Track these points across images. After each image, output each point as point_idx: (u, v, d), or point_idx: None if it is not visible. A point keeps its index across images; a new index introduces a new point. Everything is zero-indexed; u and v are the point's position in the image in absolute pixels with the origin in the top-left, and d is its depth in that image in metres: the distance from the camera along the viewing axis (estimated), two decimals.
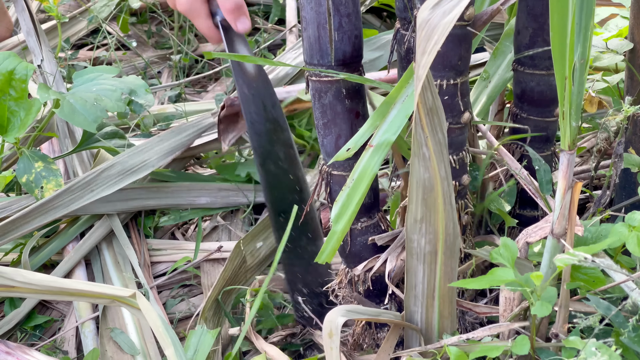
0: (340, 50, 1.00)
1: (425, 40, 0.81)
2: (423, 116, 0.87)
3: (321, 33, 0.99)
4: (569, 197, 0.89)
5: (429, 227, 0.95)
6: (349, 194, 0.97)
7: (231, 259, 1.30)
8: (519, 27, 1.12)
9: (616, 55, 1.25)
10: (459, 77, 1.00)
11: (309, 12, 0.98)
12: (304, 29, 1.00)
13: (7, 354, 1.14)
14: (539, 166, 1.01)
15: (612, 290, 1.01)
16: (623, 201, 1.18)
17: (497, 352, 0.94)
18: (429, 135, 0.88)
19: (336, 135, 1.04)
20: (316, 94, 1.02)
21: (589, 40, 0.79)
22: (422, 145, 0.89)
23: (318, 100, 1.03)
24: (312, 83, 1.02)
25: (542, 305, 0.90)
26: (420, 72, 0.81)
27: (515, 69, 1.15)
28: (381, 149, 0.97)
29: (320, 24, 0.99)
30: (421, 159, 0.90)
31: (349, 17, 0.99)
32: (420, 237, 0.96)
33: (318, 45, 1.00)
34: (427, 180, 0.92)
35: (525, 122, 1.16)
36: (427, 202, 0.93)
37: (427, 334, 1.04)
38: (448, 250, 0.98)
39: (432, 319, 1.03)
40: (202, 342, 1.16)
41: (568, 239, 0.91)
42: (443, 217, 0.94)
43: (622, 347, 0.92)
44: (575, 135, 0.85)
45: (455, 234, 0.97)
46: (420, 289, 1.01)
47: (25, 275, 1.10)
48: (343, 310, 1.02)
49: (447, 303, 1.02)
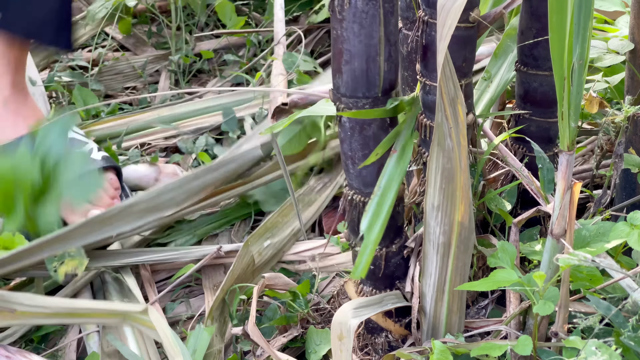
0: (387, 79, 0.96)
1: (441, 26, 0.82)
2: (447, 106, 0.87)
3: (370, 66, 0.94)
4: (569, 197, 0.89)
5: (445, 217, 0.94)
6: (378, 202, 0.97)
7: (239, 258, 1.30)
8: (523, 27, 1.12)
9: (617, 56, 1.25)
10: (463, 79, 1.01)
11: (357, 45, 0.93)
12: (346, 62, 0.94)
13: (7, 358, 1.15)
14: (542, 164, 1.01)
15: (613, 290, 1.01)
16: (623, 201, 1.18)
17: (499, 351, 0.94)
18: (453, 126, 0.88)
19: (378, 165, 1.00)
20: (356, 126, 0.98)
21: (587, 41, 0.79)
22: (447, 136, 0.89)
23: (359, 132, 0.98)
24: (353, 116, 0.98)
25: (545, 304, 0.90)
26: (440, 58, 0.83)
27: (518, 69, 1.15)
28: (405, 154, 0.99)
29: (370, 57, 0.93)
30: (444, 149, 0.89)
31: (395, 45, 0.96)
32: (436, 226, 0.95)
33: (365, 78, 0.94)
34: (448, 171, 0.91)
35: (528, 122, 1.16)
36: (446, 192, 0.93)
37: (434, 328, 1.03)
38: (462, 244, 0.97)
39: (441, 313, 1.02)
40: (199, 340, 1.16)
41: (567, 239, 0.92)
42: (460, 209, 0.93)
43: (623, 347, 0.92)
44: (574, 136, 0.86)
45: (471, 228, 0.96)
46: (432, 280, 1.00)
47: (33, 299, 1.08)
48: (351, 310, 1.01)
49: (456, 298, 1.01)
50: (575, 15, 0.78)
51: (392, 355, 1.03)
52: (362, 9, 0.91)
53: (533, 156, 1.16)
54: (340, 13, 0.92)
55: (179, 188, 1.39)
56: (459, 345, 0.99)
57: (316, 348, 1.20)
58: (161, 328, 1.06)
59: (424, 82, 0.98)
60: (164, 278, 1.44)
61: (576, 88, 0.82)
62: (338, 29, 0.93)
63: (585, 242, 1.00)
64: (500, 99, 1.31)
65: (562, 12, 0.77)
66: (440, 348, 0.94)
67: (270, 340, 1.24)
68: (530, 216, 1.07)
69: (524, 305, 1.02)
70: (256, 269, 1.35)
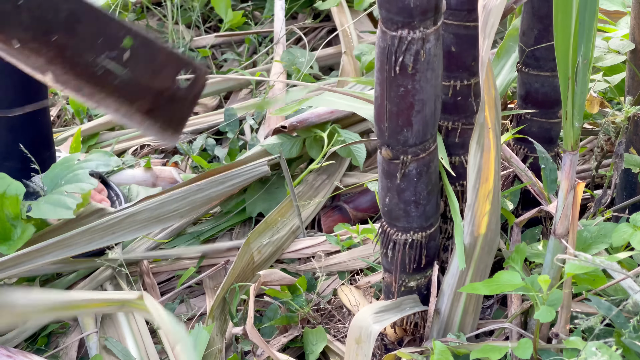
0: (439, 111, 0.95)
1: (484, 24, 0.82)
2: (487, 108, 0.86)
3: (437, 105, 0.92)
4: (572, 197, 0.89)
5: (474, 217, 0.94)
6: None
7: (239, 257, 1.30)
8: (524, 28, 1.12)
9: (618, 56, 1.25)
10: (472, 78, 1.00)
11: (429, 90, 0.89)
12: (417, 112, 0.90)
13: (8, 357, 1.14)
14: (545, 165, 1.01)
15: (615, 292, 1.01)
16: (624, 201, 1.18)
17: (499, 354, 0.93)
18: (491, 128, 0.88)
19: (436, 195, 0.99)
20: (424, 168, 0.95)
21: (592, 40, 0.79)
22: (486, 137, 0.88)
23: (426, 173, 0.96)
24: (421, 161, 0.95)
25: (547, 310, 0.89)
26: (484, 57, 0.82)
27: (519, 70, 1.15)
28: None
29: (437, 96, 0.91)
30: (482, 148, 0.89)
31: None
32: (467, 225, 0.95)
33: (433, 118, 0.92)
34: (482, 171, 0.91)
35: (529, 123, 1.16)
36: (479, 193, 0.92)
37: (447, 327, 1.03)
38: (487, 245, 0.96)
39: (456, 313, 1.02)
40: (199, 339, 1.16)
41: (570, 240, 0.91)
42: (489, 211, 0.93)
43: (623, 347, 0.92)
44: (578, 136, 0.85)
45: (497, 230, 0.96)
46: (453, 280, 1.00)
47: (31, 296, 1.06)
48: (372, 314, 0.99)
49: (473, 300, 1.01)
50: (580, 15, 0.77)
51: (393, 355, 1.03)
52: (434, 53, 0.87)
53: (535, 156, 1.16)
54: (414, 67, 0.87)
55: (183, 199, 1.38)
56: (461, 345, 0.98)
57: (313, 348, 1.20)
58: (158, 313, 1.05)
59: None
60: (164, 280, 1.43)
61: (580, 88, 0.82)
62: (409, 84, 0.88)
63: (587, 243, 1.00)
64: (502, 100, 1.31)
65: (567, 12, 0.77)
66: (440, 348, 0.94)
67: (271, 340, 1.23)
68: (532, 216, 1.06)
69: (525, 305, 1.02)
70: (256, 267, 1.35)
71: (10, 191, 1.24)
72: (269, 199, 1.49)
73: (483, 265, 0.98)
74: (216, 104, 1.92)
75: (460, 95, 0.96)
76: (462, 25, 0.91)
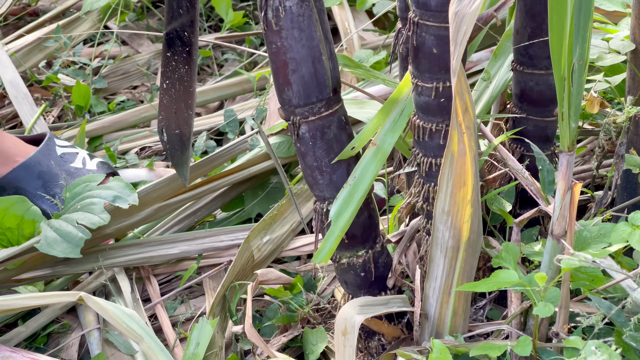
0: (334, 77, 0.97)
1: (455, 32, 0.82)
2: (460, 112, 0.87)
3: (317, 67, 0.94)
4: (569, 197, 0.89)
5: (455, 221, 0.94)
6: (350, 191, 0.98)
7: (239, 255, 1.31)
8: (518, 26, 1.12)
9: (618, 56, 1.25)
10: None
11: (300, 50, 0.93)
12: (293, 71, 0.94)
13: (9, 357, 1.15)
14: (542, 166, 1.01)
15: (614, 290, 1.01)
16: (624, 202, 1.18)
17: (498, 351, 0.94)
18: (465, 132, 0.88)
19: (346, 165, 1.00)
20: (317, 132, 0.98)
21: (587, 41, 0.79)
22: (460, 142, 0.89)
23: (321, 138, 0.98)
24: (311, 124, 0.97)
25: (545, 306, 0.90)
26: (455, 64, 0.83)
27: (514, 68, 1.15)
28: (383, 147, 1.00)
29: (315, 58, 0.94)
30: (457, 154, 0.89)
31: (331, 42, 0.96)
32: (446, 230, 0.95)
33: (315, 81, 0.95)
34: (459, 176, 0.91)
35: (525, 122, 1.16)
36: (456, 197, 0.93)
37: (438, 330, 1.03)
38: (470, 247, 0.97)
39: (445, 315, 1.02)
40: (202, 333, 1.16)
41: (568, 240, 0.92)
42: (470, 214, 0.93)
43: (624, 346, 0.92)
44: (575, 136, 0.86)
45: (479, 232, 0.96)
46: (438, 283, 1.00)
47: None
48: (357, 307, 1.01)
49: (462, 301, 1.01)
50: (575, 15, 0.77)
51: (392, 354, 1.03)
52: (298, 13, 0.92)
53: (531, 155, 1.16)
54: (277, 24, 0.92)
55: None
56: (459, 345, 0.99)
57: (313, 348, 1.20)
58: (108, 311, 1.10)
59: (415, 83, 0.97)
60: (163, 278, 1.44)
61: (576, 88, 0.82)
62: (277, 41, 0.93)
63: (585, 243, 1.00)
64: (501, 100, 1.31)
65: (561, 12, 0.77)
66: (439, 347, 0.94)
67: (271, 339, 1.24)
68: (531, 216, 1.06)
69: (525, 305, 1.02)
70: (256, 265, 1.35)
71: (29, 216, 1.30)
72: (269, 200, 1.50)
73: (468, 267, 0.98)
74: (217, 105, 1.92)
75: (443, 97, 0.96)
76: (442, 27, 0.90)
